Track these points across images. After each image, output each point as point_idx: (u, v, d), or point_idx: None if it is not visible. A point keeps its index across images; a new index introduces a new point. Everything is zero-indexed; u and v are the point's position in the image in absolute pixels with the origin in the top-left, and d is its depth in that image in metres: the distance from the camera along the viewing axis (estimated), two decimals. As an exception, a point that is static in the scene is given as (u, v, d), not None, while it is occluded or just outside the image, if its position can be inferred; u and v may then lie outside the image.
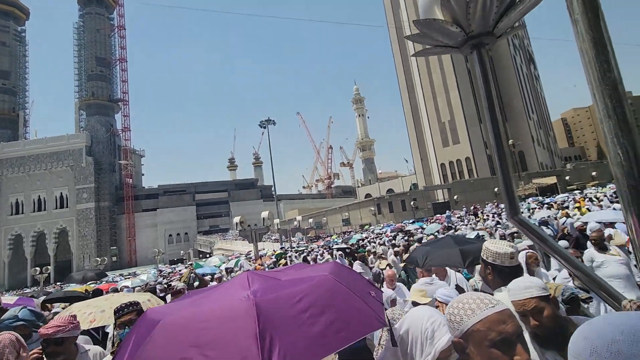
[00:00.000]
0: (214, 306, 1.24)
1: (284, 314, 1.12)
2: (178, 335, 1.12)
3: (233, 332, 1.07)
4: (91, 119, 69.01)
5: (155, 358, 1.07)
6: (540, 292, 1.50)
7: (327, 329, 1.10)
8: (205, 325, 1.12)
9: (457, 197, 36.99)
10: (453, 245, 4.41)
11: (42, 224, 63.30)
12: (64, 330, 2.19)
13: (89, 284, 20.68)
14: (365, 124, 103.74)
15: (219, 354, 1.03)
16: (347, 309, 1.21)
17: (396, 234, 16.65)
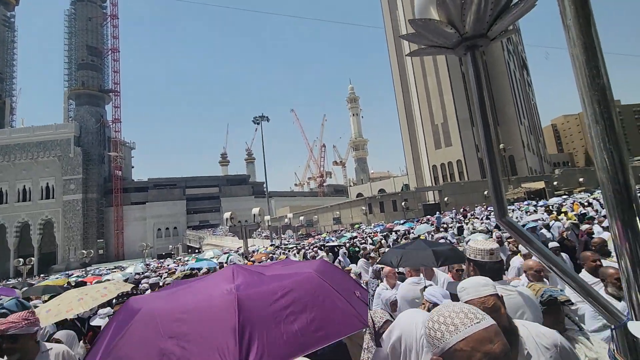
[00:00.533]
0: (196, 298, 1.23)
1: (266, 310, 1.11)
2: (157, 325, 1.10)
3: (213, 325, 1.06)
4: (81, 109, 67.70)
5: (132, 346, 1.07)
6: (496, 290, 1.50)
7: (307, 327, 1.10)
8: (185, 317, 1.11)
9: (448, 199, 37.36)
10: (425, 247, 4.67)
11: (26, 214, 62.00)
12: (17, 327, 2.12)
13: (73, 276, 20.34)
14: (359, 123, 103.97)
15: (196, 347, 1.01)
16: (329, 307, 1.20)
17: (387, 234, 16.74)
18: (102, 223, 64.85)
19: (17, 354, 2.11)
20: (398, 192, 46.97)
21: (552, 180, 40.27)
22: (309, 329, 1.10)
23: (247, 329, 1.03)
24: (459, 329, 0.87)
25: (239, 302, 1.10)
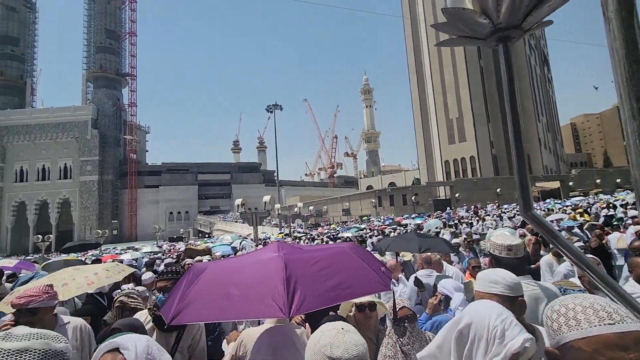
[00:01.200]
0: (250, 260, 1.64)
1: (305, 270, 1.42)
2: (221, 277, 1.48)
3: (265, 277, 1.39)
4: (98, 92, 68.78)
5: (203, 291, 1.41)
6: (506, 291, 1.43)
7: (338, 285, 1.41)
8: (243, 271, 1.48)
9: (459, 195, 36.98)
10: (414, 237, 5.12)
11: (45, 193, 63.89)
12: (38, 300, 2.11)
13: (89, 254, 20.99)
14: (372, 115, 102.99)
15: (253, 290, 1.35)
16: (355, 273, 1.53)
17: (395, 227, 16.74)
18: (116, 204, 66.41)
19: (37, 327, 2.11)
20: (409, 186, 46.68)
21: (567, 181, 39.40)
22: (339, 286, 1.41)
23: (292, 281, 1.33)
24: (581, 325, 0.74)
25: (286, 262, 1.41)
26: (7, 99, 68.27)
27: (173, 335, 2.34)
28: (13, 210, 63.38)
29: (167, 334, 2.32)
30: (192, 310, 1.37)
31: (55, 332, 2.10)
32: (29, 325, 1.97)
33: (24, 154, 64.57)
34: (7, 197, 63.60)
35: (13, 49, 70.57)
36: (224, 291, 1.38)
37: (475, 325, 1.21)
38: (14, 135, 63.95)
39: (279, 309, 1.23)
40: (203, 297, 1.39)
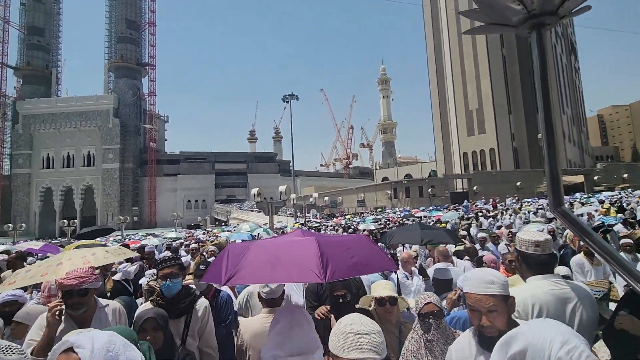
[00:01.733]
0: (285, 240, 1.94)
1: (333, 250, 1.76)
2: (265, 251, 1.81)
3: (302, 251, 1.72)
4: (119, 81, 70.26)
5: (252, 261, 1.73)
6: (503, 291, 1.39)
7: (358, 262, 1.78)
8: (282, 247, 1.82)
9: (477, 188, 36.26)
10: (417, 228, 5.17)
11: (70, 179, 66.31)
12: (88, 281, 2.13)
13: (111, 239, 21.79)
14: (389, 106, 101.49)
15: (294, 262, 1.68)
16: (371, 254, 1.92)
17: (411, 219, 16.60)
18: (137, 192, 68.32)
19: (84, 308, 2.14)
20: (425, 178, 46.06)
21: (592, 175, 38.03)
22: (359, 263, 1.78)
23: (324, 256, 1.65)
24: None
25: (318, 242, 1.74)
26: (33, 88, 70.63)
27: (182, 320, 2.36)
28: (40, 195, 66.15)
29: (175, 320, 2.33)
30: (245, 274, 1.70)
31: (96, 314, 2.24)
32: (78, 306, 2.10)
33: (50, 142, 67.00)
34: (34, 183, 66.38)
35: (39, 39, 72.62)
36: (271, 261, 1.71)
37: (531, 352, 0.96)
38: (40, 123, 66.36)
39: (317, 276, 1.56)
40: (254, 265, 1.72)
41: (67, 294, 2.10)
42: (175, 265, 2.44)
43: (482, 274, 1.45)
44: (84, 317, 2.16)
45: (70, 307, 2.10)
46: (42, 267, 2.71)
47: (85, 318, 2.17)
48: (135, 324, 1.93)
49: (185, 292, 2.45)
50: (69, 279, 2.10)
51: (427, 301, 2.01)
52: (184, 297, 2.43)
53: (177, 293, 2.39)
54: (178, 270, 2.44)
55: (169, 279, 2.37)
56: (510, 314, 1.39)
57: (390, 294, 2.32)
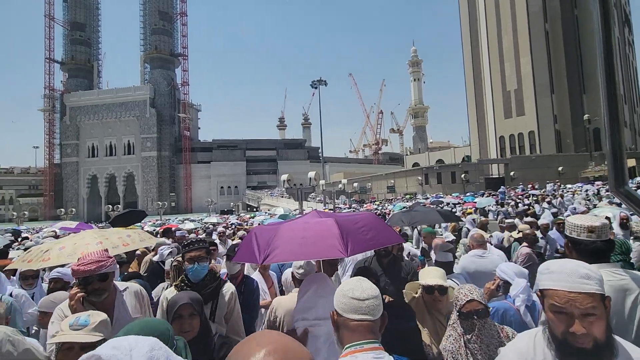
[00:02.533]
0: (307, 221, 2.16)
1: (350, 227, 2.00)
2: (293, 230, 2.05)
3: (325, 231, 1.95)
4: (154, 72, 72.94)
5: (283, 238, 1.98)
6: (601, 288, 1.09)
7: (372, 237, 2.04)
8: (307, 227, 2.05)
9: (514, 174, 34.62)
10: (429, 209, 5.53)
11: (113, 167, 70.57)
12: (106, 266, 2.04)
13: (150, 223, 23.11)
14: (420, 89, 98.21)
15: (320, 241, 1.92)
16: (382, 230, 2.18)
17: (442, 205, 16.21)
18: (173, 179, 71.57)
19: (106, 293, 2.05)
20: (458, 163, 44.57)
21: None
22: (373, 238, 2.05)
23: (344, 234, 1.90)
24: None
25: (337, 222, 1.99)
26: (78, 82, 75.00)
27: (208, 306, 2.27)
28: (87, 182, 71.04)
29: None
30: (280, 253, 1.95)
31: (117, 299, 2.12)
32: (99, 292, 2.01)
33: (94, 132, 71.36)
34: (82, 171, 71.30)
35: (81, 34, 76.54)
36: (298, 240, 1.96)
37: None
38: (85, 114, 70.75)
39: (339, 252, 1.82)
40: (284, 244, 1.97)
41: (85, 281, 1.99)
42: (203, 249, 2.35)
43: (573, 266, 1.13)
44: (106, 303, 2.06)
45: (91, 294, 2.00)
46: (78, 245, 2.64)
47: (107, 303, 2.08)
48: (170, 310, 1.81)
49: (211, 277, 2.36)
50: (85, 264, 1.98)
51: (469, 298, 1.76)
52: (210, 281, 2.34)
53: (204, 278, 2.31)
54: (205, 253, 2.35)
55: (196, 262, 2.28)
56: (608, 319, 1.10)
57: (440, 283, 2.17)
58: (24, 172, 78.61)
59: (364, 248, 2.02)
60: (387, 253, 3.13)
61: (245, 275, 3.17)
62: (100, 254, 2.07)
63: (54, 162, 72.54)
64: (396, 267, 3.16)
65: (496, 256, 3.93)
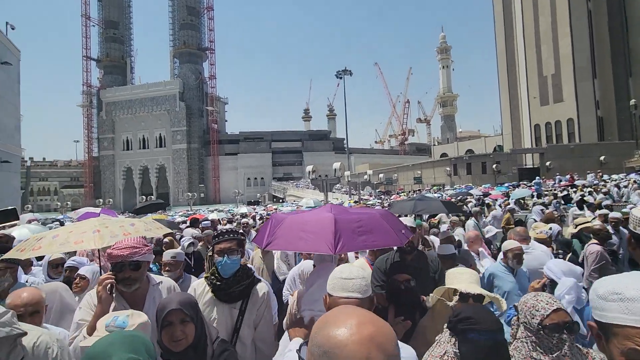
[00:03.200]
0: (311, 216, 2.36)
1: (347, 226, 2.13)
2: (295, 224, 2.25)
3: (322, 228, 2.11)
4: (183, 67, 74.89)
5: (285, 230, 2.23)
6: None
7: (366, 239, 2.17)
8: (308, 222, 2.23)
9: (551, 164, 32.94)
10: (432, 198, 5.68)
11: (146, 159, 73.66)
12: (140, 253, 1.88)
13: (180, 213, 23.97)
14: (449, 76, 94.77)
15: (314, 236, 2.11)
16: (380, 232, 2.24)
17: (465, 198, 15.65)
18: (202, 170, 73.77)
19: (137, 284, 1.89)
20: (489, 153, 42.91)
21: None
22: (367, 239, 2.17)
23: (338, 233, 2.05)
24: None
25: (335, 220, 2.12)
26: (112, 78, 78.36)
27: (237, 306, 2.10)
28: (123, 174, 74.67)
29: (229, 305, 2.09)
30: (279, 242, 2.19)
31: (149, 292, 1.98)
32: (130, 282, 1.85)
33: (128, 126, 74.63)
34: (118, 164, 74.98)
35: (114, 32, 79.60)
36: (298, 234, 2.16)
37: None
38: (120, 109, 74.07)
39: (329, 249, 2.00)
40: (286, 235, 2.19)
41: (117, 267, 1.85)
42: (234, 240, 2.13)
43: None
44: (137, 295, 1.93)
45: (121, 283, 1.86)
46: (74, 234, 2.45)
47: (138, 296, 1.94)
48: (158, 317, 1.57)
49: (244, 273, 2.15)
50: (120, 248, 1.85)
51: (554, 307, 1.39)
52: (243, 278, 2.13)
53: (235, 273, 2.10)
54: (237, 246, 2.13)
55: (226, 255, 2.06)
56: None
57: (477, 291, 1.85)
58: (66, 164, 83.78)
59: (354, 248, 2.22)
60: (412, 249, 2.86)
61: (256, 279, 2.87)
62: (136, 240, 1.93)
63: (92, 155, 76.65)
64: (421, 264, 2.93)
65: (540, 252, 3.68)
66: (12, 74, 23.33)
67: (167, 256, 3.31)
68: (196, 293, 2.13)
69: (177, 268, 3.26)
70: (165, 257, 3.32)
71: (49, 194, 77.52)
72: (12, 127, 23.68)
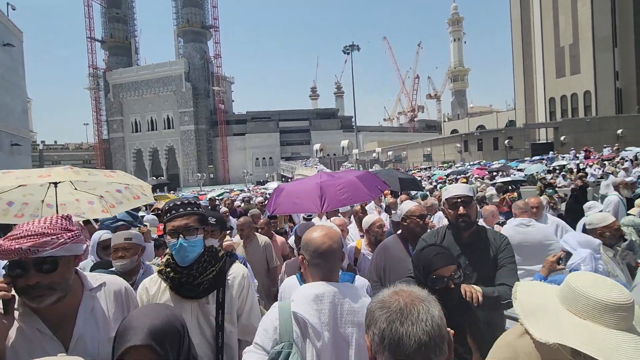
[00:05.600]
0: (304, 185, 3.10)
1: (330, 190, 2.83)
2: (290, 193, 3.13)
3: (311, 193, 2.90)
4: (187, 46, 73.73)
5: (283, 198, 3.11)
6: None
7: (347, 197, 2.94)
8: (300, 188, 3.17)
9: (565, 138, 31.97)
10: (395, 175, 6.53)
11: (155, 141, 74.04)
12: (56, 243, 1.13)
13: (188, 194, 24.18)
14: (460, 50, 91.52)
15: (304, 201, 3.02)
16: (358, 189, 2.92)
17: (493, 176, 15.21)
18: (211, 151, 73.96)
19: (54, 295, 1.16)
20: (501, 128, 41.81)
21: None
22: (346, 199, 2.96)
23: (323, 196, 2.86)
24: None
25: (321, 186, 2.89)
26: (118, 59, 77.77)
27: (211, 299, 1.59)
28: (133, 156, 75.41)
29: (200, 301, 1.58)
30: (280, 208, 2.84)
31: (83, 305, 1.25)
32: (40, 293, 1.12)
33: (136, 108, 74.64)
34: (127, 146, 75.59)
35: (117, 11, 78.28)
36: (292, 199, 2.87)
37: None
38: (127, 91, 73.84)
39: (316, 208, 2.68)
40: (285, 201, 2.88)
41: (15, 268, 1.11)
42: (192, 215, 1.59)
43: None
44: (60, 310, 1.21)
45: (25, 295, 1.13)
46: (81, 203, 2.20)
47: (63, 312, 1.22)
48: (115, 347, 1.01)
49: (210, 257, 1.63)
50: (15, 238, 1.10)
51: None
52: (210, 264, 1.61)
53: (199, 259, 1.58)
54: (196, 222, 1.58)
55: (180, 236, 1.53)
56: None
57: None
58: (77, 148, 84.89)
59: (336, 206, 2.87)
60: (469, 223, 2.10)
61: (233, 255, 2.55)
62: (51, 221, 1.17)
63: (102, 137, 77.31)
64: (482, 244, 2.14)
65: (542, 225, 3.49)
66: (16, 56, 23.18)
67: (119, 238, 2.34)
68: (149, 294, 1.60)
69: (134, 254, 2.32)
70: (116, 239, 2.35)
71: (63, 176, 79.00)
72: (19, 110, 23.76)
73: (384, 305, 0.81)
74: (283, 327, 1.26)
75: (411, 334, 0.76)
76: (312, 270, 1.40)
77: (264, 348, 1.26)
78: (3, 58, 21.28)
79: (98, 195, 3.20)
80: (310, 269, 1.40)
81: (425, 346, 0.75)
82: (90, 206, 3.19)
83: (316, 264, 1.38)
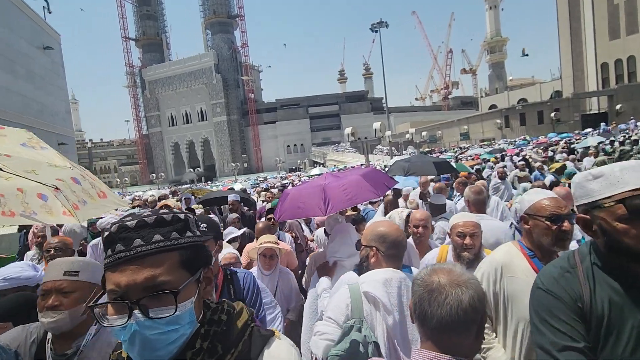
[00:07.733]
0: (308, 188, 2.89)
1: (334, 192, 2.63)
2: (295, 196, 2.86)
3: (314, 196, 2.66)
4: (215, 38, 74.69)
5: (289, 202, 2.83)
6: None
7: (351, 197, 2.63)
8: (304, 192, 2.84)
9: (622, 107, 29.04)
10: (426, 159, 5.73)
11: (190, 134, 76.64)
12: None
13: (221, 183, 24.72)
14: (497, 18, 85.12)
15: (308, 205, 2.67)
16: (360, 191, 2.68)
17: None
18: (243, 141, 75.45)
19: None
20: (546, 100, 38.76)
21: None
22: (350, 199, 2.63)
23: (327, 199, 2.59)
24: None
25: (325, 189, 2.66)
26: (151, 56, 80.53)
27: None
28: (171, 149, 78.69)
29: None
30: (286, 213, 2.78)
31: None
32: None
33: (171, 102, 77.38)
34: (165, 139, 78.90)
35: (147, 9, 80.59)
36: (297, 204, 2.74)
37: None
38: (162, 87, 76.58)
39: (321, 212, 2.57)
40: (289, 207, 2.78)
41: None
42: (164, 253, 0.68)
43: None
44: None
45: None
46: None
47: None
48: None
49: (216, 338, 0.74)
50: None
51: None
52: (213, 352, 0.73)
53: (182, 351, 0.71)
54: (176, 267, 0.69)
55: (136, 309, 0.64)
56: None
57: None
58: (120, 144, 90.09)
59: (341, 207, 2.62)
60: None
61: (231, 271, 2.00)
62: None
63: (142, 133, 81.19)
64: None
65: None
66: (56, 58, 24.45)
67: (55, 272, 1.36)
68: None
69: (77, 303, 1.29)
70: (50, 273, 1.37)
71: (110, 171, 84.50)
72: (63, 110, 25.25)
73: (423, 282, 0.91)
74: (354, 304, 1.43)
75: (435, 315, 0.85)
76: (387, 260, 1.57)
77: (336, 322, 1.42)
78: (44, 61, 22.54)
79: (51, 186, 1.97)
80: (385, 258, 1.58)
81: (446, 326, 0.84)
82: (44, 203, 1.95)
83: (392, 254, 1.58)
